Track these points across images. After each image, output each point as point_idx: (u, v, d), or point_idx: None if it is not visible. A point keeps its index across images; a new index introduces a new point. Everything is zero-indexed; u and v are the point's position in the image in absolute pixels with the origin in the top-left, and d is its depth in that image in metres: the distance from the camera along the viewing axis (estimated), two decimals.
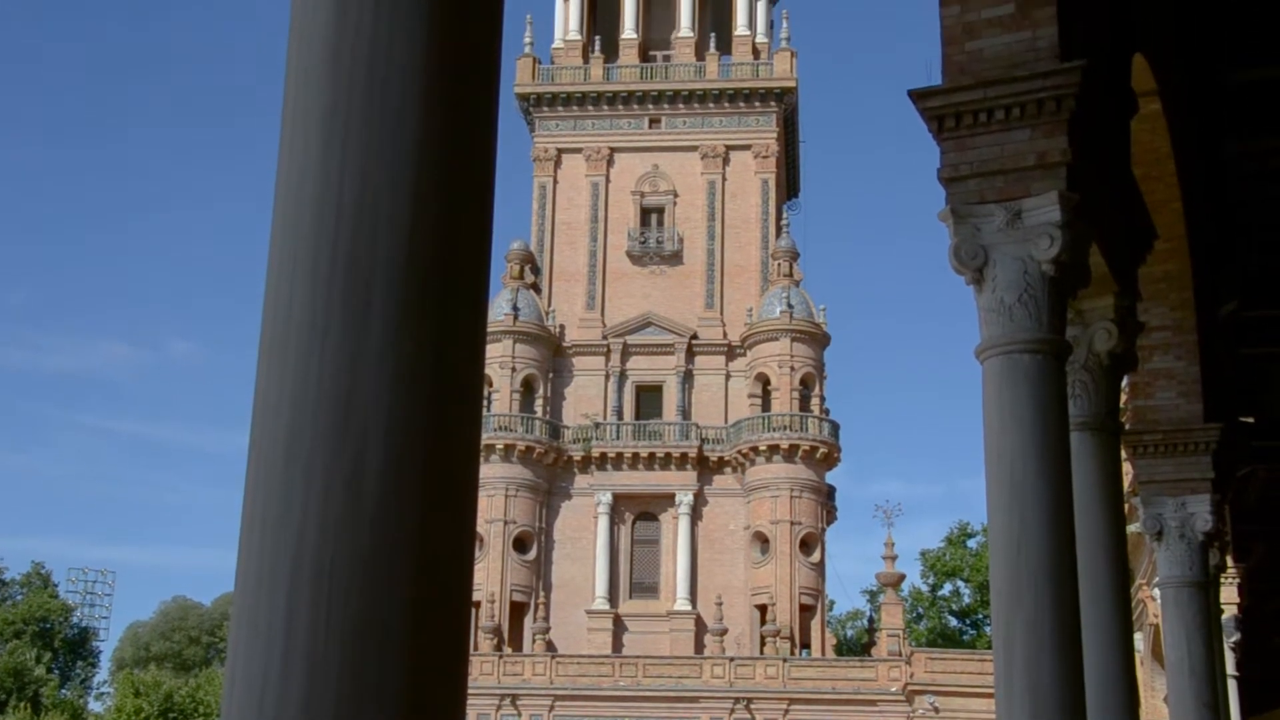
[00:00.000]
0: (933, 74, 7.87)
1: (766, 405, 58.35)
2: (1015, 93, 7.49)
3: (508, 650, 54.95)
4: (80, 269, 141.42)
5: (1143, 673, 27.29)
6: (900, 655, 51.98)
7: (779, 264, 60.21)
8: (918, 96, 7.75)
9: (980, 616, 74.43)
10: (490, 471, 55.54)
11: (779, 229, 61.40)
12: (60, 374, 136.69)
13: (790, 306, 58.56)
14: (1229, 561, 18.14)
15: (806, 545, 56.92)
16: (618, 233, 61.41)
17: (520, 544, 57.46)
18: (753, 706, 51.69)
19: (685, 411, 59.17)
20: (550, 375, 59.82)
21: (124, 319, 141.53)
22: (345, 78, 2.46)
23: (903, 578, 56.51)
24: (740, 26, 64.05)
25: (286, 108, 2.55)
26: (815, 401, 58.87)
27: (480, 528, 52.80)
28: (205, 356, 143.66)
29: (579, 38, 64.11)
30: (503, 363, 57.72)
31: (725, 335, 60.01)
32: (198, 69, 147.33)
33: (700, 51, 63.33)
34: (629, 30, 64.10)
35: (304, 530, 2.32)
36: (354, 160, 2.43)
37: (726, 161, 61.92)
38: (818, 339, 59.46)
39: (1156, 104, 10.60)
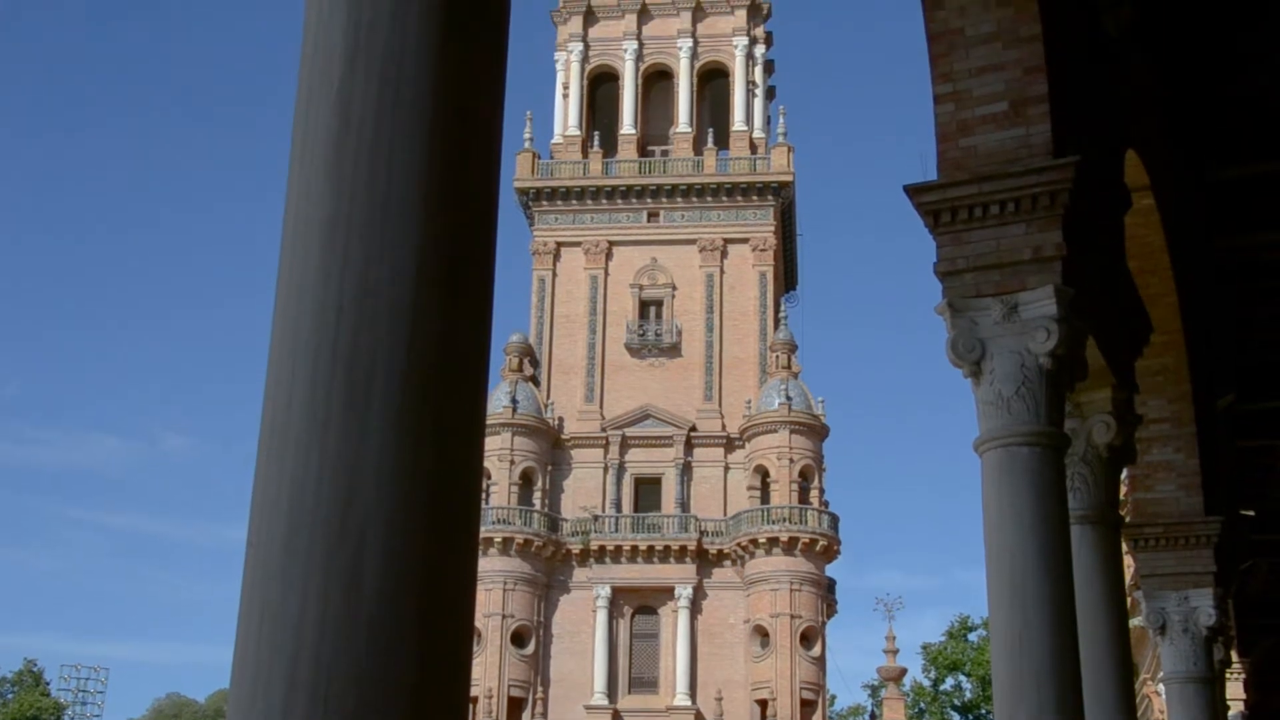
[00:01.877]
0: (928, 169, 7.98)
1: (766, 498, 58.11)
2: (1010, 188, 7.57)
3: None
4: (73, 362, 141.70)
5: None
6: None
7: (777, 356, 60.34)
8: (913, 192, 7.84)
9: (984, 712, 73.49)
10: (488, 565, 55.14)
11: (777, 321, 61.62)
12: (53, 468, 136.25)
13: (789, 399, 58.58)
14: (1234, 656, 17.98)
15: (807, 639, 56.35)
16: (616, 325, 61.62)
17: (518, 638, 56.87)
18: None
19: (684, 504, 58.91)
20: (549, 468, 59.63)
21: (117, 412, 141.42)
22: (348, 183, 2.50)
23: (904, 672, 55.90)
24: (738, 122, 64.83)
25: (289, 211, 2.58)
26: (814, 494, 58.64)
27: (478, 622, 52.18)
28: (199, 450, 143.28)
29: (578, 133, 64.85)
30: (501, 455, 57.57)
31: (724, 427, 59.94)
32: (190, 164, 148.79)
33: (698, 146, 64.03)
34: (628, 126, 64.87)
35: (302, 627, 2.31)
36: (354, 262, 2.46)
37: (725, 254, 62.33)
38: (816, 431, 59.39)
39: (1149, 199, 10.71)
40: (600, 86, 66.32)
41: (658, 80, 66.26)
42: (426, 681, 2.33)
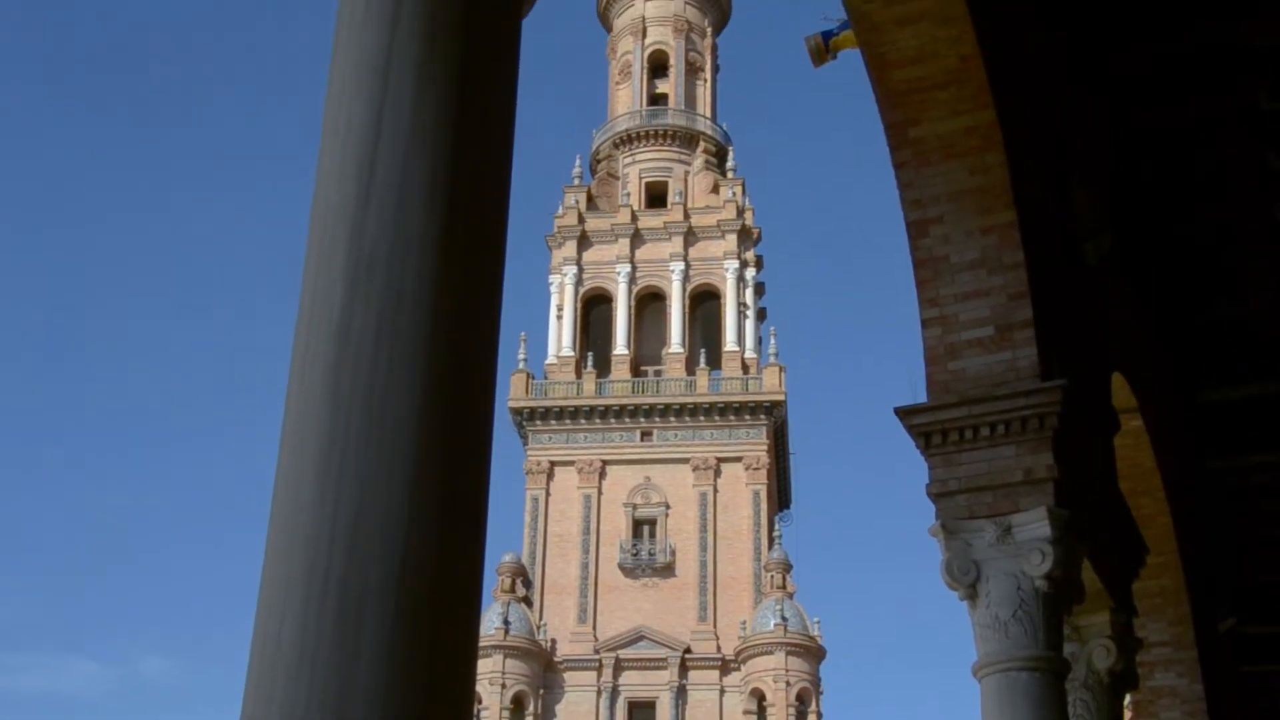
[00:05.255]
0: (917, 391, 8.08)
1: None
2: (999, 411, 7.66)
3: None
4: (47, 585, 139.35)
5: None
6: None
7: (772, 576, 59.71)
8: (904, 414, 7.92)
9: None
10: None
11: (771, 541, 61.21)
12: (29, 694, 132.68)
13: (784, 619, 57.73)
14: None
15: None
16: (610, 545, 61.17)
17: None
18: None
19: None
20: (541, 691, 58.29)
21: (94, 636, 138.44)
22: (344, 405, 2.54)
23: None
24: (729, 342, 65.70)
25: (286, 430, 2.61)
26: (812, 718, 57.23)
27: None
28: (180, 674, 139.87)
29: (572, 354, 65.63)
30: (493, 679, 56.32)
31: (719, 649, 58.88)
32: (184, 380, 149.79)
33: (691, 366, 64.73)
34: (621, 346, 65.71)
35: None
36: (349, 487, 2.48)
37: (718, 474, 62.36)
38: (813, 653, 58.34)
39: (1138, 420, 10.81)
40: (594, 308, 67.45)
41: (650, 302, 67.44)
42: None
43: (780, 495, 68.50)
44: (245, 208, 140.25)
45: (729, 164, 69.07)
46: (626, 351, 65.63)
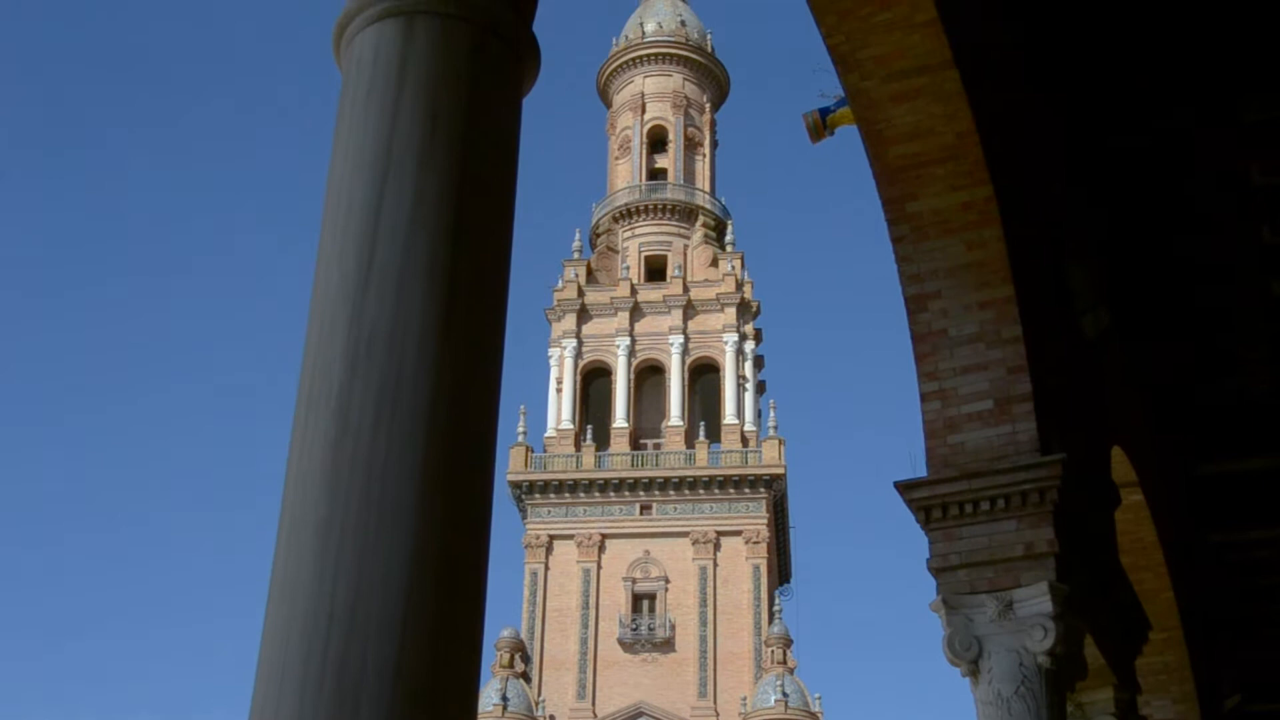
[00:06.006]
0: (917, 464, 8.06)
1: None
2: (999, 485, 7.64)
3: None
4: (46, 665, 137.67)
5: None
6: None
7: (772, 651, 59.16)
8: (904, 488, 7.90)
9: None
10: None
11: (771, 615, 60.72)
12: None
13: (785, 695, 57.11)
14: None
15: None
16: (609, 619, 60.69)
17: None
18: None
19: None
20: None
21: (92, 703, 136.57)
22: (344, 486, 2.54)
23: None
24: (729, 415, 65.62)
25: (284, 512, 2.61)
26: None
27: None
28: None
29: (571, 426, 65.53)
30: None
31: None
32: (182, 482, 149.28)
33: (690, 439, 64.59)
34: (620, 419, 65.62)
35: None
36: (348, 567, 2.47)
37: (718, 547, 62.02)
38: None
39: (1139, 494, 10.77)
40: (593, 381, 67.46)
41: (649, 375, 67.47)
42: None
43: (780, 569, 68.08)
44: (245, 288, 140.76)
45: (728, 238, 69.43)
46: (626, 424, 65.53)
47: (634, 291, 67.45)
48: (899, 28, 7.23)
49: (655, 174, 71.74)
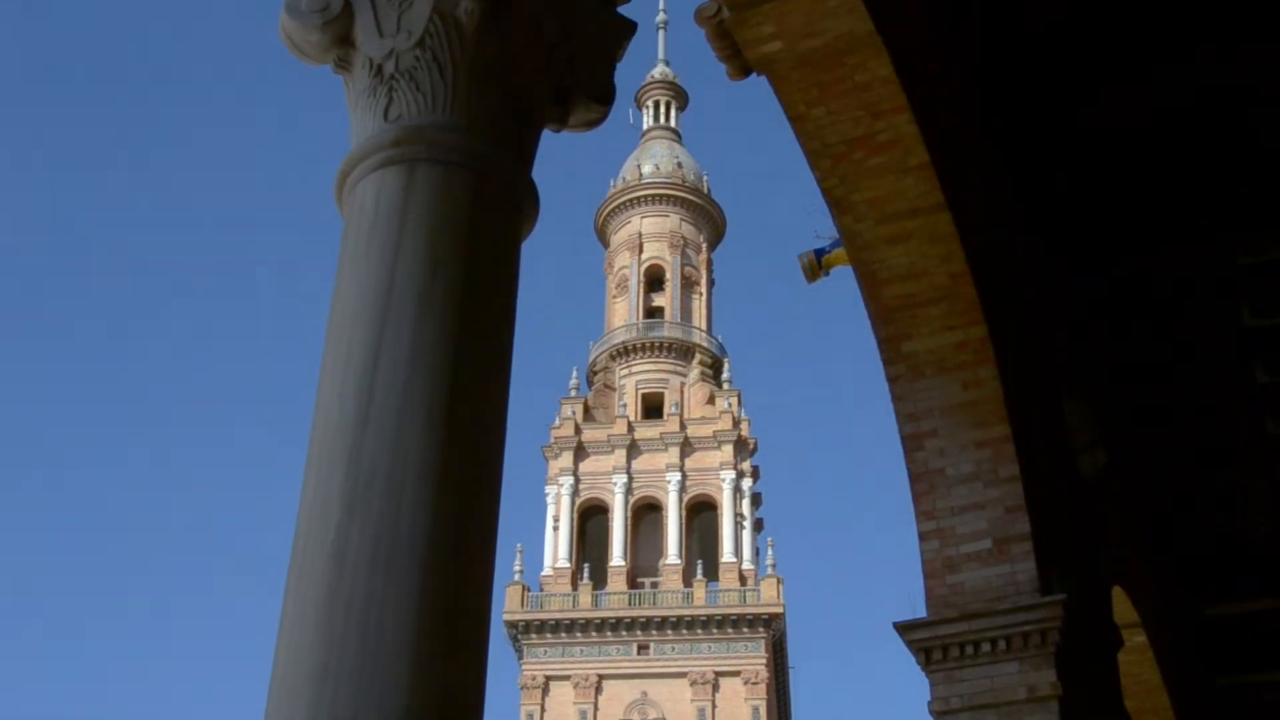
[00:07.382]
0: (916, 604, 7.98)
1: None
2: (999, 626, 7.56)
3: None
4: None
5: None
6: None
7: None
8: (904, 629, 7.82)
9: None
10: None
11: None
12: None
13: None
14: None
15: None
16: None
17: None
18: None
19: None
20: None
21: None
22: (338, 633, 2.51)
23: None
24: (726, 553, 65.08)
25: (278, 658, 2.58)
26: None
27: None
28: None
29: (568, 565, 64.94)
30: None
31: None
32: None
33: (688, 578, 63.96)
34: (617, 558, 65.06)
35: None
36: (343, 715, 2.43)
37: (716, 688, 60.99)
38: None
39: (1142, 635, 10.66)
40: (590, 519, 67.05)
41: (647, 513, 67.08)
42: None
43: (780, 710, 66.88)
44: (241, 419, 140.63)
45: (725, 375, 69.67)
46: (623, 563, 64.96)
47: (631, 429, 67.45)
48: (891, 171, 7.36)
49: (652, 312, 72.27)
